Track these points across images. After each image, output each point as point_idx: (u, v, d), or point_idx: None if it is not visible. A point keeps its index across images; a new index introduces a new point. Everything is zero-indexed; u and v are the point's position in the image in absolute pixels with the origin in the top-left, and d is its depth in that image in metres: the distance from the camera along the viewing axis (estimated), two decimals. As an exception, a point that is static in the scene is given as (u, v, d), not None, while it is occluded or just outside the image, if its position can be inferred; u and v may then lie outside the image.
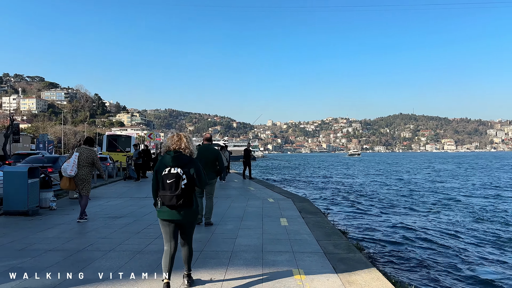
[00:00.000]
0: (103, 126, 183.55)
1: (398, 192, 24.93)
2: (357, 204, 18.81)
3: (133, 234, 7.31)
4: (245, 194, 13.79)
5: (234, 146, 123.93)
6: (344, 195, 22.73)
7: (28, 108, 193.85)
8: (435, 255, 9.64)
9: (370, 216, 15.20)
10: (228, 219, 8.98)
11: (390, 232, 12.09)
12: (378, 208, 17.70)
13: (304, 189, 26.16)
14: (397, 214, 16.03)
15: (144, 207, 10.78)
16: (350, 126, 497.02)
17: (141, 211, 10.07)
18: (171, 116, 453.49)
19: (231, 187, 16.68)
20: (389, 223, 13.75)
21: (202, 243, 6.50)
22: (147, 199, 12.37)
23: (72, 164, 8.49)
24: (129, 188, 16.14)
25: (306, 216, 9.30)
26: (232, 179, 20.88)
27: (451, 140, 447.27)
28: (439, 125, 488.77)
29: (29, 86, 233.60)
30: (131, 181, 19.65)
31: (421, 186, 29.39)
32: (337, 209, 16.95)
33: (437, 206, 18.44)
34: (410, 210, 17.31)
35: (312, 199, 18.64)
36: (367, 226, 13.06)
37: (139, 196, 13.36)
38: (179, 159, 4.29)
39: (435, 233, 12.10)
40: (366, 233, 11.86)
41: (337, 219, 13.72)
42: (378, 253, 9.37)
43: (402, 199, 21.13)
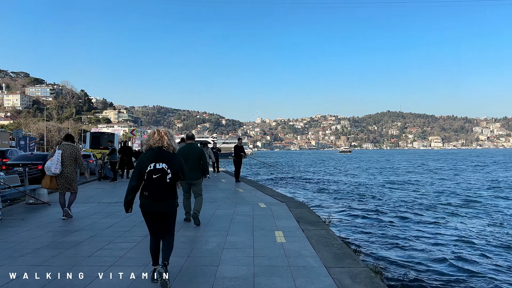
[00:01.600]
0: (90, 123, 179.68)
1: (405, 193, 22.76)
2: (362, 208, 16.72)
3: (81, 259, 5.51)
4: (233, 198, 12.05)
5: (223, 143, 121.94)
6: (344, 198, 20.65)
7: (12, 104, 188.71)
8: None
9: (379, 224, 13.27)
10: (211, 231, 7.24)
11: (407, 248, 10.06)
12: (386, 212, 15.72)
13: (298, 191, 23.94)
14: (410, 220, 14.08)
15: (110, 216, 8.96)
16: (338, 124, 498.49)
17: (104, 222, 8.24)
18: (159, 113, 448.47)
19: (217, 188, 14.93)
20: (402, 232, 11.88)
21: (172, 274, 4.74)
22: (117, 205, 10.55)
23: (56, 161, 8.24)
24: (101, 191, 14.26)
25: (306, 227, 7.61)
26: (220, 179, 19.11)
27: (438, 137, 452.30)
28: (426, 123, 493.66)
29: (13, 82, 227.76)
30: (106, 182, 17.75)
31: (428, 186, 27.09)
32: (339, 215, 14.90)
33: (456, 209, 16.73)
34: (426, 215, 15.14)
35: (309, 203, 16.90)
36: (379, 239, 11.02)
37: (109, 201, 11.50)
38: (163, 155, 4.44)
39: (468, 246, 10.49)
40: (382, 250, 9.82)
41: (343, 230, 11.86)
42: (405, 281, 7.60)
43: (411, 202, 18.93)
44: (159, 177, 4.34)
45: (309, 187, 26.19)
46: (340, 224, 12.89)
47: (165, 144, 4.50)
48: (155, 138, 4.52)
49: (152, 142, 4.51)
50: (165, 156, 4.45)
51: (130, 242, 6.41)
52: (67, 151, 8.48)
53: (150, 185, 4.34)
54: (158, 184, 4.33)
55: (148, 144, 4.54)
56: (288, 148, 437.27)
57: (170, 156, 4.49)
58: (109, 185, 16.16)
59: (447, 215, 15.34)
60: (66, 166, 8.42)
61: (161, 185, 4.33)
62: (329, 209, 16.24)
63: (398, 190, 24.66)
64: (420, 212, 15.84)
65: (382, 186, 27.20)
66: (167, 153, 4.48)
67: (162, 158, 4.42)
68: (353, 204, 18.01)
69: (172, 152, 4.55)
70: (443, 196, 21.72)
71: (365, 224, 13.30)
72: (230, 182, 17.57)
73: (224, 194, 13.03)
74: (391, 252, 9.63)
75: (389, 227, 12.66)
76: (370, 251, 9.51)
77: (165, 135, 4.55)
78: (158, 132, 4.59)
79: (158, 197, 4.33)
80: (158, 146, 4.48)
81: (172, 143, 4.57)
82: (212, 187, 15.31)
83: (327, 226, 8.01)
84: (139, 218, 8.42)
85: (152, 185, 4.33)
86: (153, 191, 4.32)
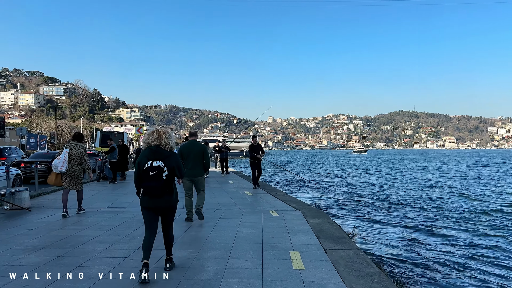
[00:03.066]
0: (102, 122, 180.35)
1: (443, 200, 19.30)
2: (393, 218, 14.09)
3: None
4: (240, 203, 10.55)
5: (234, 142, 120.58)
6: (369, 203, 17.87)
7: (27, 103, 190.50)
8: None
9: (420, 241, 10.59)
10: (209, 251, 5.75)
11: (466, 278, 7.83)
12: (426, 223, 12.93)
13: (313, 194, 21.51)
14: (460, 237, 11.16)
15: (93, 226, 7.53)
16: (350, 123, 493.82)
17: (82, 235, 6.81)
18: (172, 112, 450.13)
19: (224, 191, 13.45)
20: (453, 253, 9.45)
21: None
22: (107, 212, 9.15)
23: (63, 160, 8.38)
24: (96, 193, 12.90)
25: (329, 246, 6.07)
26: (228, 180, 17.63)
27: (452, 137, 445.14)
28: (440, 122, 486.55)
29: (28, 81, 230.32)
30: (105, 182, 16.43)
31: (464, 191, 23.31)
32: (365, 226, 12.41)
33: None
34: (480, 228, 12.39)
35: (327, 210, 15.08)
36: (424, 263, 8.65)
37: (99, 206, 10.11)
38: (160, 153, 4.60)
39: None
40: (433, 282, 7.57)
41: (374, 248, 9.75)
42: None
43: (455, 211, 15.91)
44: (155, 174, 4.47)
45: (325, 191, 23.69)
46: (369, 239, 10.70)
47: (162, 142, 4.65)
48: (154, 136, 4.68)
49: (150, 140, 4.67)
50: (162, 154, 4.60)
51: (103, 267, 4.94)
52: (74, 150, 8.58)
53: (147, 182, 4.49)
54: (154, 181, 4.46)
55: (146, 143, 4.69)
56: (300, 148, 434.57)
57: (167, 154, 4.64)
58: (107, 187, 14.82)
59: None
60: (73, 164, 8.53)
61: (158, 182, 4.45)
62: (351, 218, 13.94)
63: (433, 195, 21.35)
64: (470, 225, 12.98)
65: (411, 190, 24.32)
66: (164, 151, 4.64)
67: (159, 156, 4.58)
68: (380, 212, 15.44)
69: (169, 150, 4.70)
70: (492, 202, 18.56)
71: (401, 240, 10.74)
72: (239, 184, 16.07)
73: (231, 198, 11.54)
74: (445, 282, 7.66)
75: (434, 246, 10.17)
76: (416, 280, 7.70)
77: (163, 134, 4.69)
78: (156, 131, 4.74)
79: (154, 193, 4.46)
80: (156, 144, 4.63)
81: (170, 142, 4.71)
82: (218, 190, 13.83)
83: (354, 244, 6.44)
84: (126, 230, 7.01)
85: (149, 181, 4.48)
86: (149, 187, 4.46)
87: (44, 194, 12.27)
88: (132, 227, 7.45)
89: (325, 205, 17.06)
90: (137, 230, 7.10)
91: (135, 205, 10.12)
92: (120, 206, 10.05)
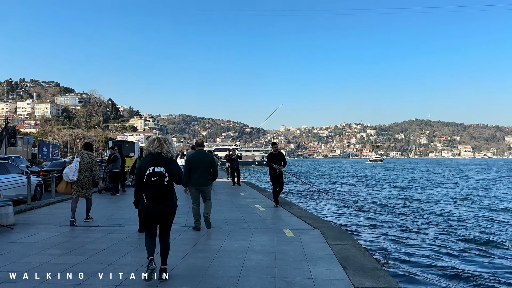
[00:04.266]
0: (116, 131, 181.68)
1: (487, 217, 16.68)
2: (429, 238, 11.74)
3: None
4: (250, 220, 9.34)
5: (246, 151, 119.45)
6: (397, 220, 15.42)
7: (42, 113, 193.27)
8: None
9: (469, 269, 8.63)
10: (209, 286, 4.56)
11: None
12: (475, 247, 10.72)
13: (331, 208, 19.16)
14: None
15: (75, 251, 6.36)
16: (364, 132, 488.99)
17: (56, 263, 5.63)
18: (185, 121, 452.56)
19: (233, 204, 12.25)
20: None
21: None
22: (97, 231, 8.01)
23: (74, 169, 8.53)
24: (94, 206, 11.65)
25: (360, 282, 4.78)
26: (239, 192, 16.43)
27: (467, 146, 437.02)
28: (455, 131, 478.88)
29: (44, 91, 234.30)
30: (107, 194, 15.38)
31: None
32: (399, 251, 10.01)
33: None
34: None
35: (349, 228, 13.28)
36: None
37: (89, 224, 8.96)
38: (161, 160, 4.76)
39: None
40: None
41: (415, 283, 7.83)
42: None
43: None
44: (157, 180, 4.60)
45: (344, 204, 21.20)
46: (404, 268, 8.65)
47: (164, 150, 4.81)
48: (155, 144, 4.84)
49: (152, 148, 4.83)
50: (163, 161, 4.75)
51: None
52: (84, 159, 8.75)
53: (149, 187, 4.60)
54: (156, 186, 4.59)
55: (148, 150, 4.84)
56: (313, 157, 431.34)
57: (168, 161, 4.79)
58: (108, 199, 13.76)
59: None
60: (83, 173, 8.67)
61: (159, 187, 4.58)
62: (378, 239, 11.61)
63: (473, 211, 18.66)
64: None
65: (447, 203, 21.70)
66: (165, 158, 4.80)
67: (160, 162, 4.72)
68: (413, 232, 12.98)
69: (170, 158, 4.87)
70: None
71: (447, 268, 8.61)
72: (250, 196, 14.86)
73: (240, 213, 10.32)
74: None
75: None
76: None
77: (164, 143, 4.86)
78: (157, 139, 4.89)
79: (156, 198, 4.59)
80: (157, 152, 4.79)
81: (170, 150, 4.88)
82: (226, 203, 12.61)
83: (392, 279, 5.12)
84: (111, 257, 5.87)
85: (150, 187, 4.60)
86: (151, 192, 4.58)
87: (37, 208, 11.25)
88: (120, 251, 6.29)
89: (346, 222, 15.04)
90: (125, 257, 5.92)
91: (132, 221, 9.01)
92: (114, 223, 8.92)
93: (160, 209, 4.66)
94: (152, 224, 4.77)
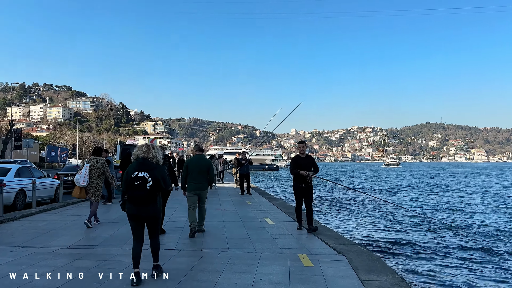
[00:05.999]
0: (127, 134, 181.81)
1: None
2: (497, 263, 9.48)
3: None
4: (256, 239, 7.64)
5: (256, 154, 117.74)
6: (445, 238, 12.52)
7: (54, 117, 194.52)
8: None
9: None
10: None
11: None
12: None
13: (353, 220, 16.36)
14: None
15: (23, 286, 4.77)
16: (375, 135, 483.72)
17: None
18: (195, 125, 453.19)
19: (238, 217, 10.57)
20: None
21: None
22: (64, 255, 6.40)
23: (84, 175, 8.82)
24: (77, 218, 10.24)
25: None
26: (245, 201, 14.75)
27: (481, 150, 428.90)
28: (469, 135, 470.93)
29: (56, 95, 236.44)
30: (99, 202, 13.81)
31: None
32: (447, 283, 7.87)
33: None
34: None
35: (384, 250, 10.83)
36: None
37: (62, 242, 7.33)
38: (145, 164, 4.91)
39: None
40: None
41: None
42: None
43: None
44: (139, 184, 4.76)
45: (366, 215, 18.03)
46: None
47: (150, 155, 4.99)
48: (143, 149, 5.05)
49: (139, 152, 5.04)
50: (148, 166, 4.91)
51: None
52: (94, 164, 9.03)
53: (131, 191, 4.81)
54: (138, 190, 4.76)
55: (135, 155, 5.05)
56: (323, 160, 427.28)
57: (153, 166, 4.94)
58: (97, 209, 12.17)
59: None
60: (93, 178, 8.96)
61: (141, 191, 4.75)
62: (425, 265, 9.19)
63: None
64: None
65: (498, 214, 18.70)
66: (150, 164, 4.95)
67: (144, 167, 4.88)
68: (468, 253, 10.46)
69: (156, 163, 5.01)
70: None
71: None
72: (258, 206, 13.16)
73: (245, 230, 8.62)
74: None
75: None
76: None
77: (152, 148, 5.08)
78: (146, 145, 5.11)
79: (137, 202, 4.78)
80: (143, 156, 4.98)
81: (157, 155, 5.05)
82: (231, 215, 10.91)
83: None
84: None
85: (133, 190, 4.79)
86: (133, 196, 4.79)
87: (8, 221, 9.65)
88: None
89: (378, 240, 11.97)
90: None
91: (112, 241, 7.39)
92: (88, 243, 7.28)
93: (141, 212, 4.81)
94: (136, 228, 4.92)
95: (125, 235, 7.83)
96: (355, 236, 12.66)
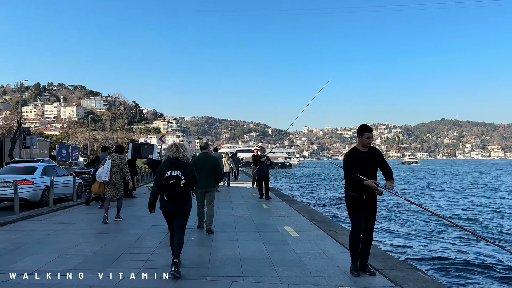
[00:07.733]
0: (140, 133, 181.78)
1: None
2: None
3: None
4: (278, 260, 5.88)
5: (270, 152, 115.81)
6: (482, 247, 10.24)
7: (68, 116, 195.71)
8: None
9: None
10: None
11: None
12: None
13: (396, 231, 12.95)
14: None
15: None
16: (390, 132, 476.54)
17: None
18: (207, 123, 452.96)
19: (253, 225, 8.82)
20: None
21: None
22: (23, 285, 4.74)
23: (106, 170, 9.02)
24: (64, 227, 8.58)
25: None
26: (261, 204, 13.00)
27: (498, 147, 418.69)
28: (485, 131, 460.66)
29: (70, 94, 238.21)
30: (95, 207, 12.22)
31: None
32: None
33: None
34: None
35: (450, 280, 7.75)
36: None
37: (26, 265, 5.65)
38: (178, 164, 5.21)
39: None
40: None
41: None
42: None
43: None
44: (174, 183, 5.04)
45: (399, 219, 15.18)
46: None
47: (180, 155, 5.30)
48: (173, 150, 5.34)
49: (170, 153, 5.33)
50: (180, 165, 5.20)
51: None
52: (115, 161, 9.27)
53: (167, 189, 5.08)
54: (173, 188, 5.04)
55: (166, 155, 5.35)
56: (336, 158, 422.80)
57: (184, 165, 5.25)
58: (89, 215, 10.51)
59: None
60: (114, 174, 9.16)
61: (176, 189, 5.04)
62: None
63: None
64: None
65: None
66: (182, 163, 5.25)
67: (177, 166, 5.17)
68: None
69: (186, 162, 5.30)
70: None
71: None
72: (276, 210, 11.38)
73: (263, 245, 6.85)
74: None
75: None
76: None
77: (180, 148, 5.35)
78: (174, 145, 5.37)
79: (174, 199, 5.07)
80: (174, 156, 5.28)
81: (186, 154, 5.34)
82: (244, 222, 9.14)
83: None
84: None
85: (169, 189, 5.07)
86: (170, 194, 5.05)
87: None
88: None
89: (435, 261, 9.09)
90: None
91: (88, 265, 5.62)
92: (59, 267, 5.51)
93: (176, 209, 5.15)
94: (170, 221, 5.32)
95: (112, 253, 6.18)
96: (408, 254, 9.85)
